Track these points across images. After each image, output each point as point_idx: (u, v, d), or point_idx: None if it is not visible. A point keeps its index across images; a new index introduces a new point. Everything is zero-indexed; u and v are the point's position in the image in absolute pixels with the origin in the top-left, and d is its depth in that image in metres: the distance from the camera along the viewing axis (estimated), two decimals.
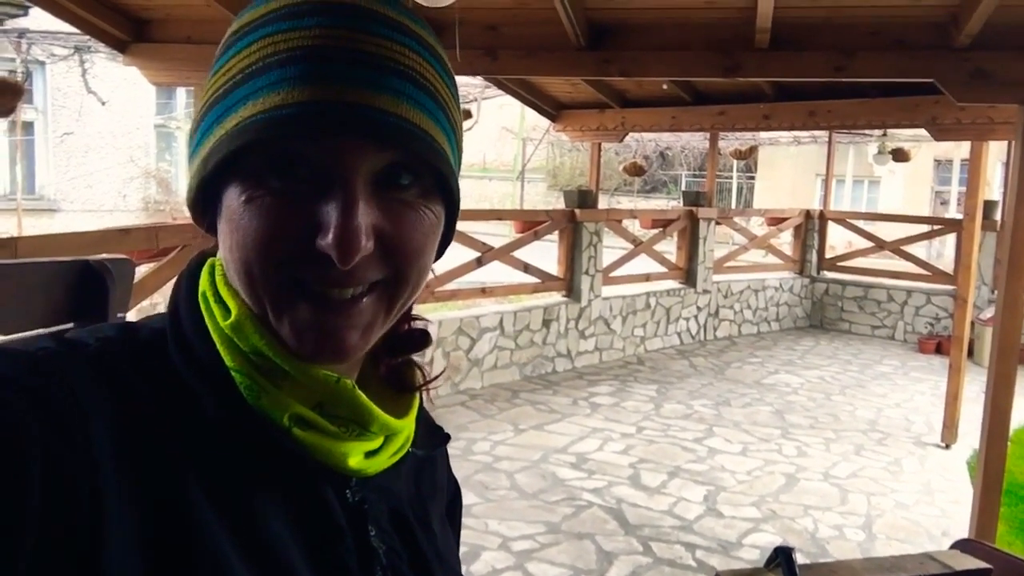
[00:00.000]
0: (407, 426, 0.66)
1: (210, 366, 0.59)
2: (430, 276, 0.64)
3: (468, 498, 4.56)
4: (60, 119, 13.62)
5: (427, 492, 0.74)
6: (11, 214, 11.30)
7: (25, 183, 12.65)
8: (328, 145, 0.54)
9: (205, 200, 0.60)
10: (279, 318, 0.57)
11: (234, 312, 0.59)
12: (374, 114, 0.54)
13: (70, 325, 1.23)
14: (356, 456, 0.61)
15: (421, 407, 0.71)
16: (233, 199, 0.56)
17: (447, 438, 0.75)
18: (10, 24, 8.94)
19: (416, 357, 0.72)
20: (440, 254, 0.65)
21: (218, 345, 0.59)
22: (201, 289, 0.62)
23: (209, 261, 0.64)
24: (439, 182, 0.60)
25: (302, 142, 0.54)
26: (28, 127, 13.00)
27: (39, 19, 8.78)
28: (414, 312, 0.71)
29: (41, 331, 1.12)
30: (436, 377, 0.72)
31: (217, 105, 0.57)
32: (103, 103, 12.34)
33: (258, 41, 0.56)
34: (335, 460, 0.60)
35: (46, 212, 13.17)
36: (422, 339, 0.71)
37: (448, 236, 0.65)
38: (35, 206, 12.94)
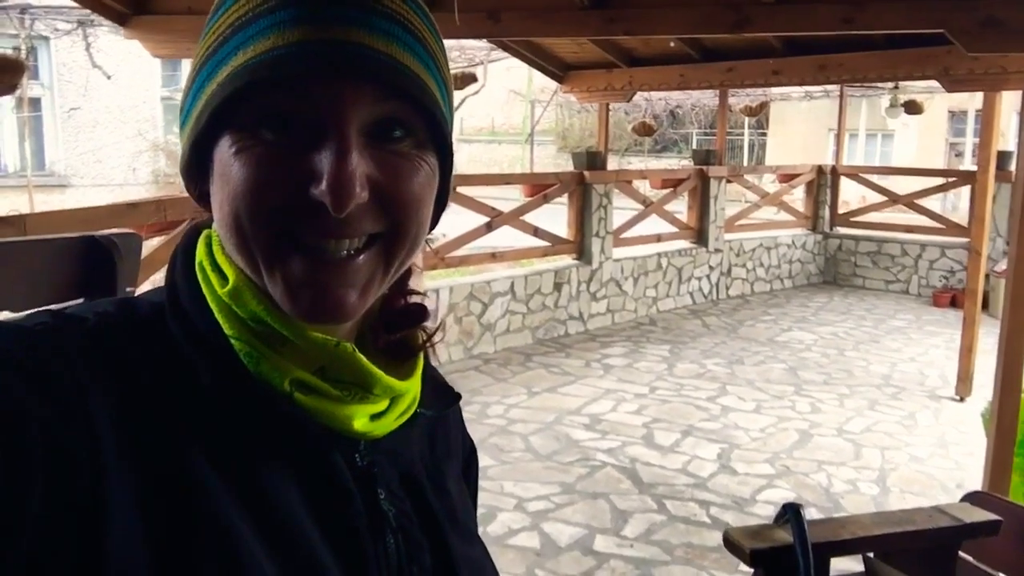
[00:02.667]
0: (412, 387, 0.66)
1: (209, 335, 0.59)
2: (443, 239, 0.64)
3: (483, 460, 4.60)
4: (67, 94, 13.61)
5: (441, 453, 0.74)
6: (22, 191, 11.35)
7: (34, 159, 12.68)
8: (321, 93, 0.54)
9: (198, 162, 0.59)
10: (272, 274, 0.57)
11: (232, 279, 0.59)
12: (366, 51, 0.53)
13: (79, 301, 1.25)
14: (361, 419, 0.61)
15: (429, 367, 0.71)
16: (224, 152, 0.56)
17: (458, 397, 0.75)
18: (12, 0, 8.90)
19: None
20: (439, 212, 0.65)
21: (216, 314, 0.59)
22: (198, 259, 0.62)
23: (205, 232, 0.64)
24: (432, 133, 0.59)
25: (294, 92, 0.54)
26: (35, 103, 13.00)
27: None
28: (412, 287, 0.71)
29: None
30: (435, 332, 0.71)
31: (208, 62, 0.57)
32: (109, 77, 12.29)
33: None
34: (339, 423, 0.60)
35: (56, 188, 13.21)
36: (419, 314, 0.70)
37: (444, 191, 0.64)
38: (45, 182, 12.98)
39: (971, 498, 2.01)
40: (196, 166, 0.59)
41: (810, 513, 1.75)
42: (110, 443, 0.51)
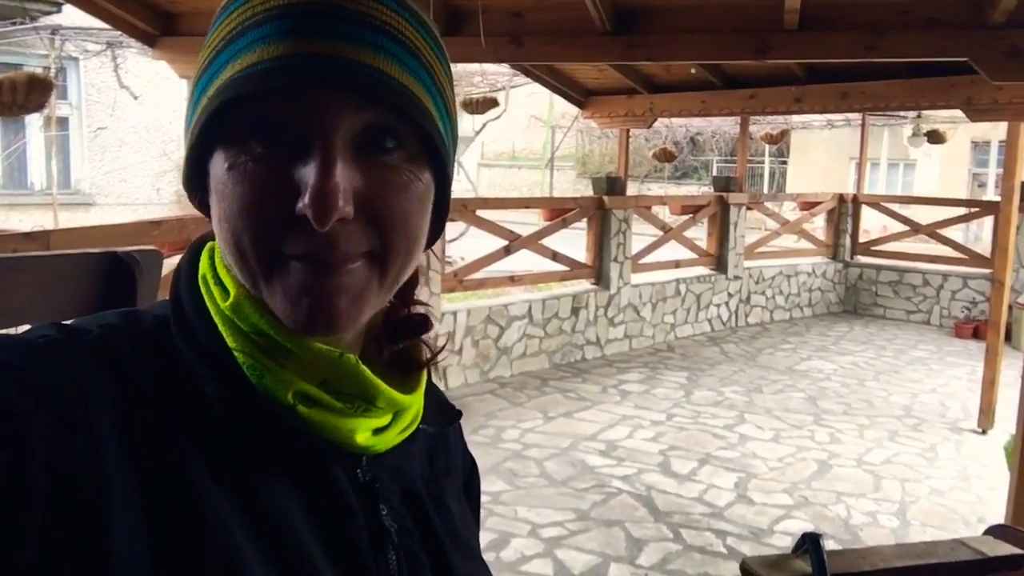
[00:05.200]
0: (415, 402, 0.66)
1: (213, 348, 0.59)
2: (461, 262, 0.64)
3: (497, 485, 4.58)
4: (94, 114, 13.80)
5: (441, 470, 0.74)
6: (47, 208, 11.50)
7: (61, 178, 12.84)
8: (307, 103, 0.54)
9: (197, 175, 0.59)
10: (270, 287, 0.57)
11: (232, 293, 0.59)
12: (351, 66, 0.53)
13: None
14: (364, 433, 0.61)
15: (431, 384, 0.71)
16: (218, 168, 0.56)
17: (459, 415, 0.74)
18: (43, 21, 9.06)
19: (437, 339, 0.72)
20: (440, 228, 0.65)
21: (220, 327, 0.59)
22: (201, 272, 0.62)
23: (208, 244, 0.64)
24: (426, 146, 0.59)
25: (281, 103, 0.54)
26: (63, 123, 13.19)
27: (72, 15, 8.89)
28: (416, 296, 0.71)
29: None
30: (441, 350, 0.71)
31: (204, 75, 0.57)
32: (136, 98, 12.47)
33: (238, 8, 0.56)
34: (342, 437, 0.59)
35: (81, 206, 13.36)
36: (422, 324, 0.70)
37: (443, 206, 0.63)
38: (71, 200, 13.13)
39: (994, 531, 1.97)
40: (195, 178, 0.60)
41: (828, 545, 1.72)
42: (113, 455, 0.51)
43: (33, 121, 12.16)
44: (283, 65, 0.52)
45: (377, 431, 0.62)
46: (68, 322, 0.58)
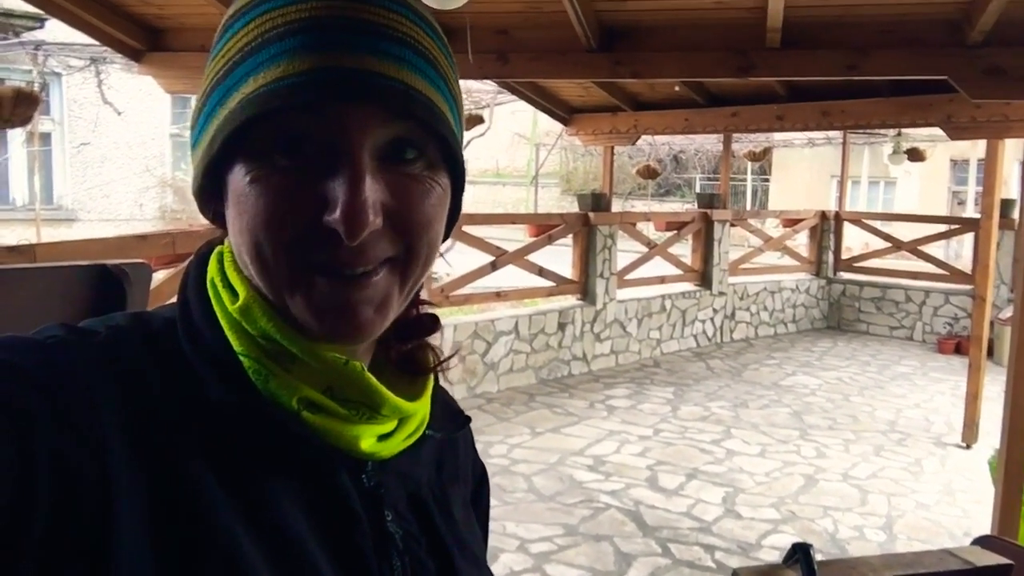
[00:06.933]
0: (420, 408, 0.65)
1: (219, 351, 0.59)
2: (447, 278, 0.64)
3: None
4: (77, 130, 13.75)
5: (448, 477, 0.73)
6: (30, 224, 11.41)
7: (43, 193, 12.77)
8: (332, 118, 0.54)
9: (211, 186, 0.59)
10: (293, 298, 0.57)
11: (242, 296, 0.59)
12: (377, 79, 0.53)
13: None
14: (368, 439, 0.61)
15: (439, 389, 0.71)
16: (239, 180, 0.56)
17: (467, 420, 0.74)
18: (27, 36, 9.03)
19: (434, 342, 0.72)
20: (449, 230, 0.65)
21: (226, 330, 0.59)
22: (209, 276, 0.62)
23: (217, 249, 0.64)
24: (444, 152, 0.59)
25: (306, 117, 0.54)
26: (45, 138, 13.12)
27: (55, 31, 8.88)
28: (422, 298, 0.71)
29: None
30: (450, 357, 0.71)
31: (219, 87, 0.57)
32: (119, 113, 12.45)
33: (256, 19, 0.55)
34: (346, 443, 0.59)
35: (64, 222, 13.29)
36: (431, 324, 0.70)
37: (455, 210, 0.64)
38: (53, 216, 13.05)
39: (981, 542, 1.98)
40: (209, 188, 0.59)
41: (818, 557, 1.73)
42: (118, 457, 0.51)
43: (14, 137, 12.09)
44: (309, 80, 0.52)
45: (382, 437, 0.62)
46: (77, 323, 0.58)
